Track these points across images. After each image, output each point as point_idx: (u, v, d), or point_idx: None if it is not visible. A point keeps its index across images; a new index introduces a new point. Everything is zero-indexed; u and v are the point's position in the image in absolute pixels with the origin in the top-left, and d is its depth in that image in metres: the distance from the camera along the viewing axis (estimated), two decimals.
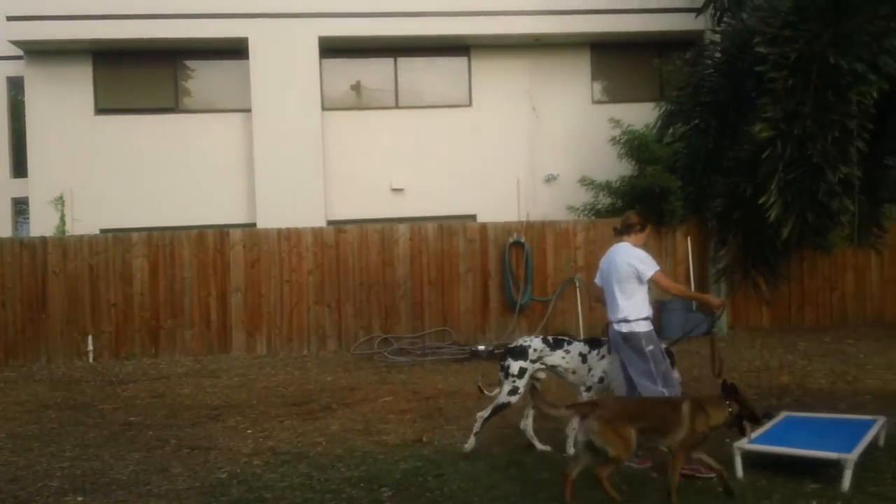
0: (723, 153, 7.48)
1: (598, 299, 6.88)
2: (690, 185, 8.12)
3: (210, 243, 13.34)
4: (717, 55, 7.61)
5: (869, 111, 5.97)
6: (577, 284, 13.91)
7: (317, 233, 13.74)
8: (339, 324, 13.51)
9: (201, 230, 13.57)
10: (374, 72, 17.49)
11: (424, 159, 16.85)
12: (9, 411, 9.38)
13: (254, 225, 15.36)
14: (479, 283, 13.81)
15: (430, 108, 17.18)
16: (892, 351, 11.57)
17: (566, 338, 6.98)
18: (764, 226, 6.49)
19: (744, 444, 6.05)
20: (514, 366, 6.88)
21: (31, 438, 8.02)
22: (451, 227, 13.98)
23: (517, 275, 13.78)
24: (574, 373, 6.85)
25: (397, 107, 17.28)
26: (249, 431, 8.05)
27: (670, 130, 8.44)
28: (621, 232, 6.70)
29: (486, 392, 7.32)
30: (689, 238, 14.14)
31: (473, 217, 15.97)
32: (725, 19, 7.83)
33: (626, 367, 6.41)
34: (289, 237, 13.52)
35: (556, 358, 6.89)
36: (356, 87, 17.61)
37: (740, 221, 7.13)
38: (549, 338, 7.07)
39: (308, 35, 16.39)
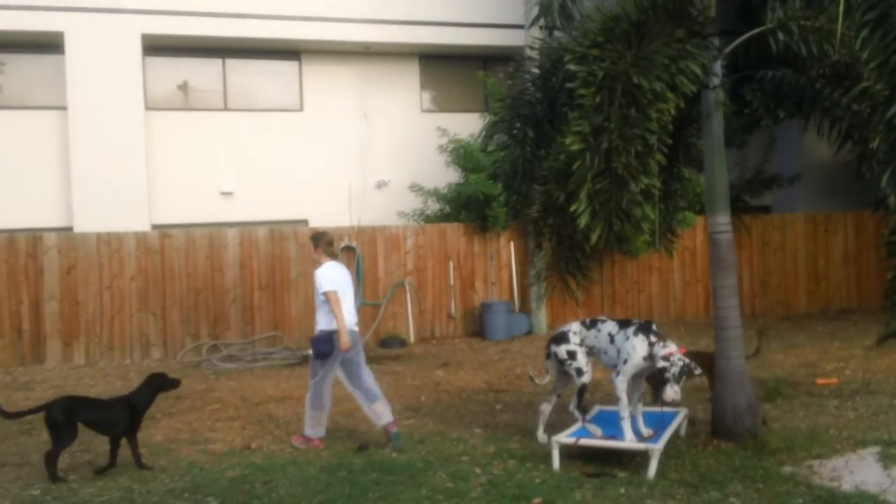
0: (539, 162, 7.96)
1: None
2: (510, 191, 8.56)
3: (21, 248, 12.59)
4: (535, 70, 8.08)
5: (668, 127, 6.56)
6: (407, 288, 14.22)
7: (140, 237, 13.28)
8: (165, 331, 13.11)
9: (11, 234, 12.77)
10: (202, 72, 17.06)
11: (255, 163, 16.62)
12: None
13: (70, 229, 14.58)
14: (311, 288, 13.77)
15: (261, 112, 16.98)
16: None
17: (602, 318, 7.04)
18: (575, 231, 6.99)
19: (561, 437, 6.51)
20: (561, 350, 6.96)
21: None
22: (282, 232, 13.91)
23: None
24: (605, 353, 6.89)
25: (226, 109, 16.94)
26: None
27: (494, 140, 8.83)
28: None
29: (536, 380, 7.34)
30: (511, 243, 14.81)
31: (305, 222, 15.95)
32: (538, 36, 8.31)
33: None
34: (109, 242, 12.98)
35: (591, 338, 6.97)
36: (183, 88, 17.10)
37: (554, 227, 7.60)
38: (587, 320, 7.11)
39: (130, 32, 15.73)
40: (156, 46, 16.15)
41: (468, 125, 15.17)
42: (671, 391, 6.21)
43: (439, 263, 14.55)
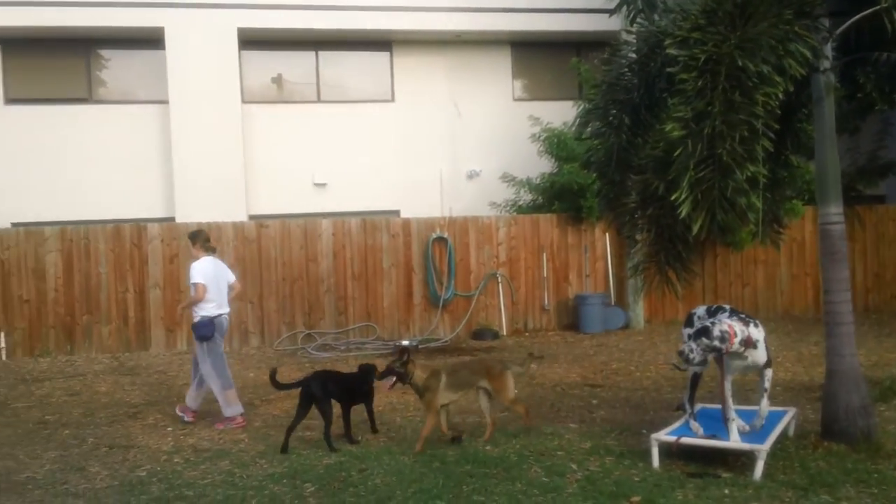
0: (635, 151, 7.71)
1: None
2: (604, 181, 8.33)
3: (127, 238, 13.05)
4: (631, 55, 7.82)
5: (775, 112, 6.23)
6: (500, 279, 14.13)
7: (237, 227, 13.58)
8: (262, 319, 13.39)
9: (118, 224, 13.26)
10: (296, 65, 17.35)
11: (347, 154, 16.82)
12: None
13: (172, 219, 15.07)
14: (403, 278, 13.89)
15: (353, 103, 17.15)
16: (800, 344, 12.10)
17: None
18: (675, 222, 6.72)
19: (661, 435, 6.31)
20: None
21: None
22: (374, 223, 14.01)
23: (440, 270, 13.91)
24: None
25: (319, 101, 17.19)
26: (170, 429, 7.95)
27: (588, 128, 8.63)
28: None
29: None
30: (607, 234, 14.52)
31: (396, 212, 16.03)
32: (639, 20, 8.06)
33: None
34: (209, 232, 13.27)
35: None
36: (277, 81, 17.43)
37: (653, 217, 7.34)
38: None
39: (227, 26, 16.13)
40: (251, 40, 16.49)
41: (561, 113, 14.93)
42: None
43: (532, 255, 14.40)
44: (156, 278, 13.06)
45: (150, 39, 16.02)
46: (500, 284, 14.16)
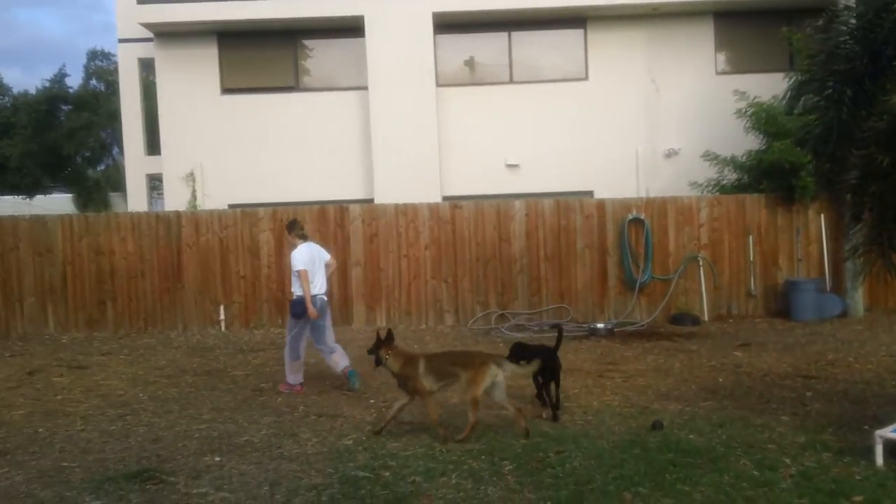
0: (858, 124, 7.08)
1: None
2: (821, 158, 7.72)
3: (331, 218, 13.68)
4: (853, 21, 7.18)
5: None
6: (701, 263, 13.55)
7: (433, 208, 13.87)
8: (456, 298, 13.63)
9: (322, 205, 13.91)
10: (488, 47, 17.45)
11: (540, 135, 16.74)
12: (150, 375, 9.94)
13: (371, 200, 15.66)
14: (598, 260, 13.65)
15: (546, 83, 17.03)
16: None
17: None
18: None
19: (886, 431, 5.81)
20: None
21: (171, 401, 8.47)
22: (567, 204, 13.84)
23: (637, 252, 13.54)
24: None
25: (512, 82, 17.20)
26: (372, 401, 8.26)
27: (801, 102, 8.02)
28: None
29: None
30: (822, 215, 13.51)
31: (590, 193, 15.76)
32: None
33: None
34: (406, 212, 13.70)
35: None
36: (470, 63, 17.62)
37: (876, 195, 6.76)
38: None
39: (422, 11, 16.49)
40: (446, 24, 16.75)
41: (769, 87, 14.04)
42: None
43: (737, 237, 13.67)
44: (357, 256, 13.62)
45: (351, 28, 16.66)
46: (701, 268, 13.56)
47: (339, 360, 8.97)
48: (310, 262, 8.85)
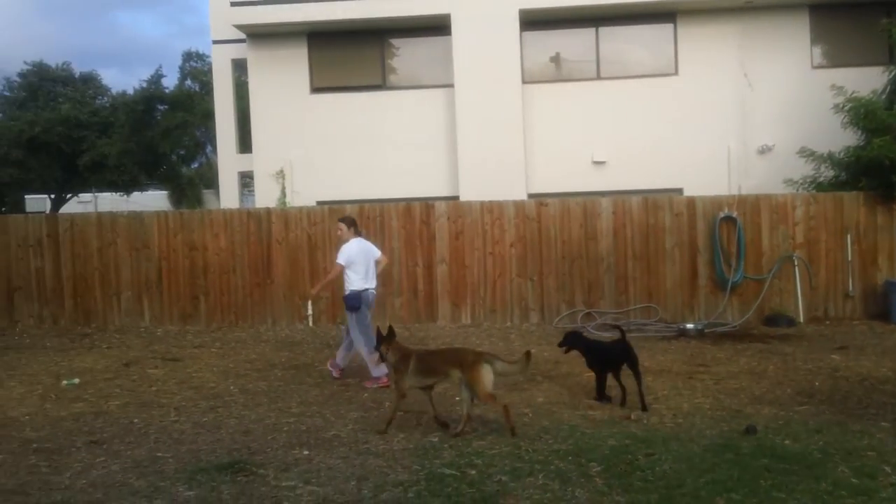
0: None
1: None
2: None
3: (416, 215, 13.75)
4: None
5: None
6: (796, 262, 13.08)
7: (518, 206, 13.78)
8: (542, 297, 13.51)
9: (408, 202, 14.00)
10: (575, 43, 17.29)
11: (627, 131, 16.51)
12: (240, 368, 10.19)
13: (457, 198, 15.70)
14: (687, 259, 13.33)
15: (633, 79, 16.80)
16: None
17: None
18: None
19: None
20: None
21: (261, 394, 8.67)
22: (656, 201, 13.56)
23: (728, 251, 13.16)
24: None
25: (598, 78, 17.01)
26: (457, 399, 8.22)
27: None
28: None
29: None
30: None
31: (679, 191, 15.44)
32: None
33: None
34: (491, 210, 13.66)
35: None
36: (556, 60, 17.50)
37: None
38: None
39: (509, 8, 16.45)
40: (532, 21, 16.68)
41: (868, 81, 13.50)
42: None
43: (834, 236, 13.13)
44: (442, 254, 13.65)
45: (437, 26, 16.75)
46: (796, 268, 13.08)
47: (345, 358, 9.46)
48: (356, 256, 9.16)
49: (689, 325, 12.31)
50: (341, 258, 9.14)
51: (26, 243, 14.13)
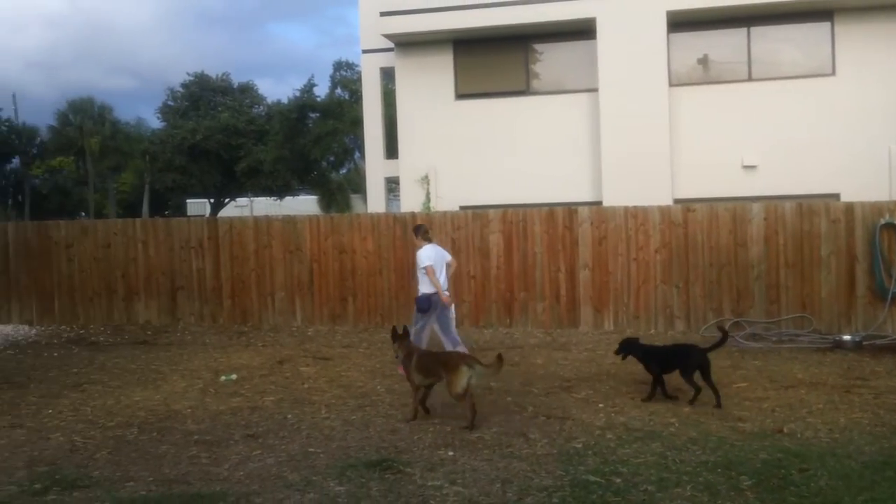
0: None
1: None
2: None
3: (559, 220, 13.74)
4: None
5: None
6: None
7: (664, 211, 13.52)
8: (688, 304, 13.20)
9: (551, 208, 14.00)
10: (724, 44, 16.84)
11: (779, 134, 15.92)
12: (386, 369, 10.49)
13: (599, 203, 15.58)
14: (844, 268, 12.65)
15: (787, 80, 16.22)
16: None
17: None
18: None
19: None
20: None
21: (406, 395, 8.81)
22: (811, 207, 12.95)
23: (889, 259, 12.43)
24: None
25: (749, 79, 16.50)
26: (601, 405, 8.23)
27: None
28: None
29: None
30: None
31: (836, 196, 14.74)
32: None
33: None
34: (636, 215, 13.47)
35: None
36: (704, 61, 17.07)
37: None
38: None
39: (656, 10, 16.21)
40: (679, 22, 16.35)
41: None
42: None
43: None
44: (585, 259, 13.58)
45: (581, 30, 16.72)
46: None
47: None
48: (434, 260, 9.96)
49: (846, 337, 11.71)
50: (427, 261, 9.91)
51: (188, 245, 15.12)
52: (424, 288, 9.99)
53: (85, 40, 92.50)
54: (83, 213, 45.40)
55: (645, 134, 16.13)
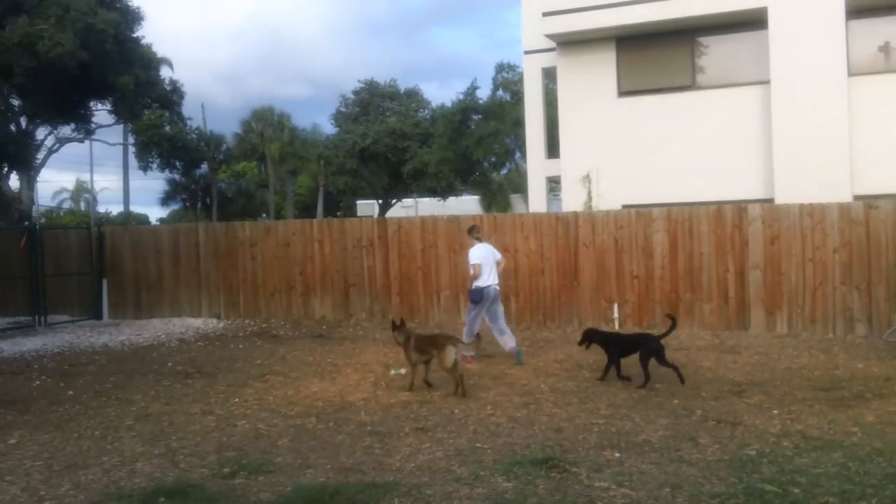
0: None
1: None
2: None
3: (728, 219, 13.29)
4: None
5: None
6: None
7: (843, 208, 12.77)
8: (870, 307, 12.40)
9: (719, 206, 13.56)
10: None
11: None
12: (549, 367, 10.58)
13: (771, 200, 14.92)
14: None
15: None
16: None
17: None
18: None
19: None
20: None
21: (570, 394, 8.94)
22: None
23: None
24: None
25: None
26: (775, 412, 7.91)
27: None
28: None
29: None
30: None
31: None
32: None
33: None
34: (811, 213, 12.81)
35: None
36: (885, 49, 15.90)
37: None
38: None
39: None
40: (858, 9, 15.36)
41: None
42: None
43: None
44: (756, 259, 13.06)
45: (751, 21, 16.07)
46: None
47: (508, 341, 11.10)
48: (483, 258, 11.01)
49: None
50: (474, 259, 11.00)
51: (360, 244, 15.79)
52: (476, 281, 10.99)
53: (264, 52, 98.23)
54: (264, 215, 48.33)
55: (821, 127, 15.28)
